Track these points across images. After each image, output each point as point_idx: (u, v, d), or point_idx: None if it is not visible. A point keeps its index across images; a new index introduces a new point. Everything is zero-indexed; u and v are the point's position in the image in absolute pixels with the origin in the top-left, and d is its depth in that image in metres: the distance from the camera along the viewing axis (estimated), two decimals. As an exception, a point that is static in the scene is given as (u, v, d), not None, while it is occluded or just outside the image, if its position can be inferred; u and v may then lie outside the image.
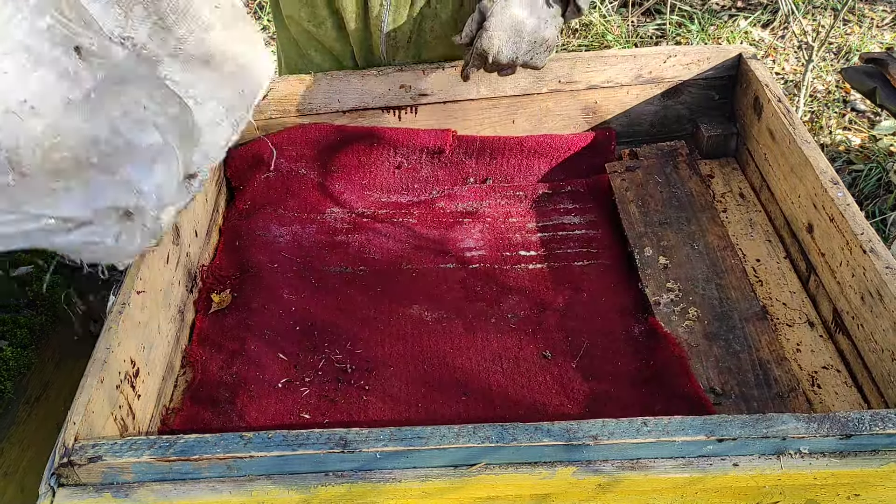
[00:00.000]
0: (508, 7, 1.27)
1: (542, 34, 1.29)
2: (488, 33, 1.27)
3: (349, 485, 0.87)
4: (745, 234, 1.38)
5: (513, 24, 1.27)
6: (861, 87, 2.11)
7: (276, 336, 1.23)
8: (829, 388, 1.12)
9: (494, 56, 1.29)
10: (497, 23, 1.27)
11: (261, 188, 1.50)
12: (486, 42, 1.28)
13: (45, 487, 0.87)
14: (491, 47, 1.28)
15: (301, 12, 1.50)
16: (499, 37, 1.27)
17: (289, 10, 1.53)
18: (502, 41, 1.28)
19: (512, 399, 1.13)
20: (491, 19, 1.27)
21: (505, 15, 1.27)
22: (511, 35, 1.28)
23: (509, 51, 1.29)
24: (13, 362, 1.32)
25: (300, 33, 1.56)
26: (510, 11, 1.27)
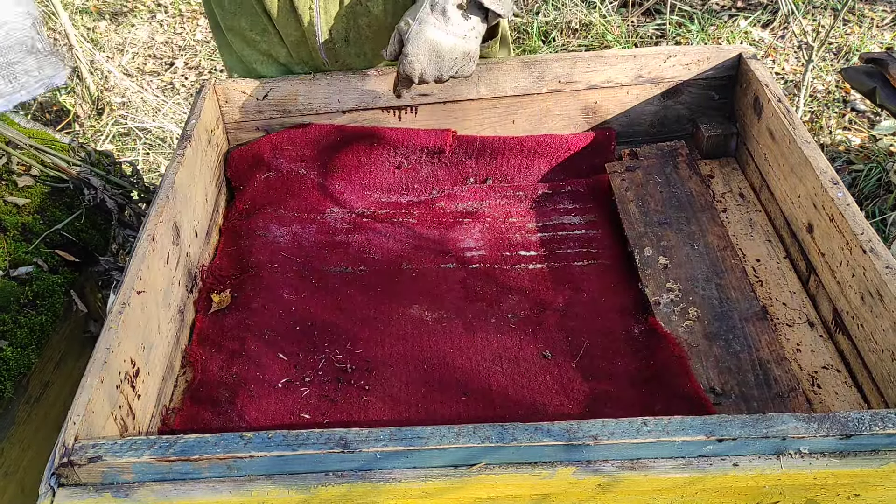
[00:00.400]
0: (423, 31, 1.27)
1: (461, 49, 1.29)
2: (408, 59, 1.29)
3: (349, 485, 0.87)
4: (745, 234, 1.38)
5: (430, 47, 1.28)
6: (861, 87, 2.11)
7: (276, 336, 1.23)
8: (829, 388, 1.12)
9: (420, 77, 1.31)
10: (414, 48, 1.28)
11: (261, 188, 1.50)
12: (407, 68, 1.30)
13: (46, 487, 0.87)
14: (413, 72, 1.30)
15: (242, 22, 1.50)
16: (419, 60, 1.29)
17: (230, 23, 1.52)
18: (423, 64, 1.29)
19: (512, 399, 1.12)
20: (408, 45, 1.28)
21: (420, 39, 1.27)
22: (430, 57, 1.29)
23: (432, 70, 1.30)
24: (13, 362, 1.32)
25: (243, 47, 1.55)
26: (425, 35, 1.27)
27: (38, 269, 1.46)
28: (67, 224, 1.59)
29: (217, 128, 1.50)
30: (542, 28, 3.74)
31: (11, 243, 1.48)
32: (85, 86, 3.38)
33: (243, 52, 1.56)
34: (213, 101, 1.49)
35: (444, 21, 1.27)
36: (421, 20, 1.27)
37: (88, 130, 3.37)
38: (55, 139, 1.80)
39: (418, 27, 1.27)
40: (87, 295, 1.58)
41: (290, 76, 1.51)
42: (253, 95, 1.51)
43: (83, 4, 4.30)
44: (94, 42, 3.95)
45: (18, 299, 1.39)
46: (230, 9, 1.49)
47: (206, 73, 3.80)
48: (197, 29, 4.18)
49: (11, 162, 1.64)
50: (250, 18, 1.49)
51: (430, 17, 1.27)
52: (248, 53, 1.55)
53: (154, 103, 3.48)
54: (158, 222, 1.17)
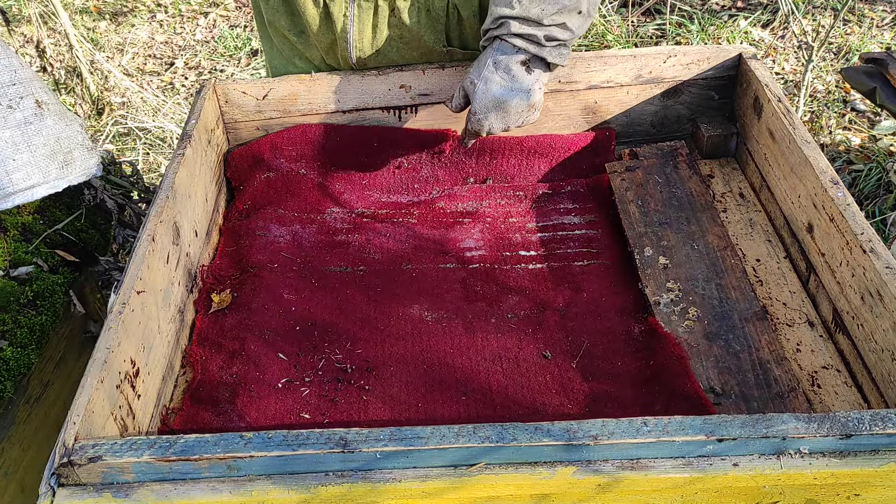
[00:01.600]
0: (489, 90, 1.30)
1: (525, 103, 1.32)
2: (476, 117, 1.33)
3: (349, 485, 0.87)
4: (745, 234, 1.38)
5: (497, 105, 1.31)
6: (861, 87, 2.11)
7: (276, 336, 1.23)
8: (829, 388, 1.12)
9: (488, 132, 1.36)
10: (481, 107, 1.32)
11: (261, 188, 1.50)
12: (475, 125, 1.35)
13: (46, 487, 0.87)
14: (481, 129, 1.35)
15: (282, 21, 1.51)
16: (486, 118, 1.33)
17: (271, 18, 1.53)
18: (491, 121, 1.33)
19: (512, 399, 1.12)
20: (474, 103, 1.32)
21: (487, 98, 1.31)
22: (497, 113, 1.32)
23: (499, 125, 1.35)
24: (13, 362, 1.32)
25: (283, 42, 1.56)
26: (491, 95, 1.30)
27: (38, 269, 1.46)
28: (67, 224, 1.58)
29: (217, 128, 1.50)
30: (542, 28, 3.73)
31: (11, 243, 1.47)
32: (85, 86, 3.38)
33: (283, 48, 1.57)
34: (213, 101, 1.49)
35: (510, 79, 1.29)
36: (486, 79, 1.30)
37: (88, 130, 3.37)
38: (55, 139, 1.80)
39: (484, 86, 1.31)
40: (87, 295, 1.58)
41: (291, 76, 1.51)
42: (253, 95, 1.51)
43: (83, 4, 4.30)
44: (94, 42, 3.95)
45: (18, 299, 1.39)
46: (273, 5, 1.50)
47: (206, 73, 3.80)
48: (197, 29, 4.18)
49: (11, 162, 1.64)
50: (290, 18, 1.50)
51: (495, 76, 1.30)
52: (286, 49, 1.57)
53: (154, 103, 3.48)
54: (158, 222, 1.17)
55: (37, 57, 3.42)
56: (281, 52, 1.58)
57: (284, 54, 1.58)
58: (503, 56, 1.29)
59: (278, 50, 1.59)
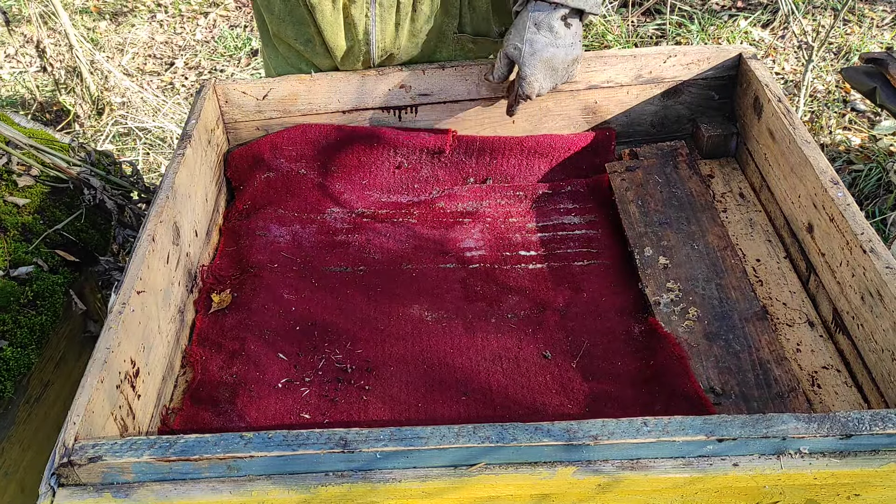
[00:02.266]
0: (536, 52, 1.33)
1: (571, 57, 1.36)
2: (527, 80, 1.36)
3: (349, 485, 0.87)
4: (745, 234, 1.38)
5: (546, 65, 1.35)
6: (861, 87, 2.11)
7: (276, 336, 1.23)
8: (829, 388, 1.12)
9: (538, 94, 1.39)
10: (531, 70, 1.35)
11: (261, 188, 1.50)
12: (527, 88, 1.38)
13: (46, 487, 0.87)
14: (533, 91, 1.38)
15: (288, 31, 1.50)
16: (537, 79, 1.36)
17: (276, 29, 1.52)
18: (541, 82, 1.37)
19: (512, 399, 1.12)
20: (524, 68, 1.35)
21: (536, 59, 1.34)
22: (546, 73, 1.36)
23: (548, 84, 1.38)
24: (13, 362, 1.32)
25: (288, 50, 1.56)
26: (540, 55, 1.34)
27: (38, 269, 1.46)
28: (67, 224, 1.59)
29: (217, 128, 1.50)
30: (542, 28, 3.73)
31: (11, 243, 1.47)
32: (85, 86, 3.38)
33: (288, 55, 1.57)
34: (213, 101, 1.49)
35: (553, 36, 1.32)
36: (531, 41, 1.33)
37: (88, 130, 3.37)
38: (55, 139, 1.80)
39: (530, 48, 1.33)
40: (87, 295, 1.58)
41: (291, 76, 1.51)
42: (253, 95, 1.51)
43: (83, 4, 4.30)
44: (94, 42, 3.95)
45: (18, 299, 1.39)
46: (279, 15, 1.50)
47: (206, 73, 3.80)
48: (197, 29, 4.18)
49: (11, 162, 1.64)
50: (297, 28, 1.49)
51: (539, 36, 1.32)
52: (292, 57, 1.57)
53: (154, 103, 3.48)
54: (158, 222, 1.17)
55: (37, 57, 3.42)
56: (287, 59, 1.58)
57: (290, 62, 1.57)
58: (542, 14, 1.31)
59: (284, 58, 1.58)
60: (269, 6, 1.50)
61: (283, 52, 1.57)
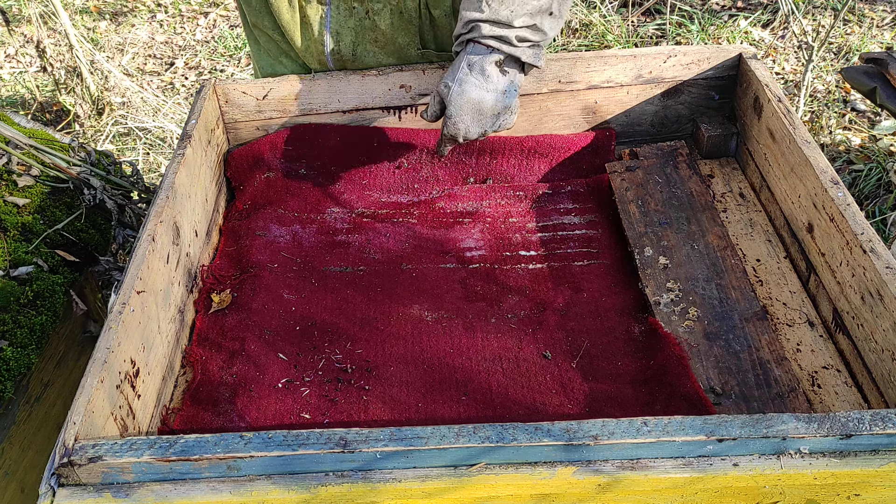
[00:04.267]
0: (464, 92, 1.29)
1: (502, 104, 1.31)
2: (451, 120, 1.31)
3: (349, 485, 0.87)
4: (745, 234, 1.38)
5: (472, 107, 1.30)
6: (861, 87, 2.11)
7: (276, 336, 1.23)
8: (829, 388, 1.12)
9: (464, 137, 1.33)
10: (456, 109, 1.30)
11: (261, 188, 1.50)
12: (451, 129, 1.32)
13: (46, 487, 0.87)
14: (458, 132, 1.32)
15: (265, 21, 1.51)
16: (462, 121, 1.31)
17: (254, 20, 1.53)
18: (466, 124, 1.31)
19: (512, 399, 1.12)
20: (450, 107, 1.30)
21: (462, 100, 1.29)
22: (473, 116, 1.30)
23: (476, 129, 1.32)
24: (13, 362, 1.32)
25: (268, 42, 1.56)
26: (467, 96, 1.29)
27: (38, 269, 1.46)
28: (67, 224, 1.58)
29: (217, 128, 1.50)
30: (542, 28, 3.73)
31: (11, 243, 1.47)
32: (85, 86, 3.38)
33: (269, 47, 1.57)
34: (213, 101, 1.49)
35: (484, 79, 1.28)
36: (461, 81, 1.29)
37: (88, 130, 3.37)
38: (55, 139, 1.80)
39: (459, 88, 1.29)
40: (87, 295, 1.58)
41: (291, 76, 1.51)
42: (253, 95, 1.51)
43: (83, 4, 4.30)
44: (94, 42, 3.95)
45: (18, 299, 1.39)
46: (256, 7, 1.51)
47: (206, 73, 3.80)
48: (197, 29, 4.18)
49: (11, 162, 1.64)
50: (273, 18, 1.50)
51: (470, 77, 1.28)
52: (272, 49, 1.57)
53: (154, 103, 3.48)
54: (158, 222, 1.17)
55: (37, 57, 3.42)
56: (268, 51, 1.58)
57: (271, 54, 1.58)
58: (477, 57, 1.28)
59: (265, 50, 1.59)
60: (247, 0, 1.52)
61: (263, 44, 1.58)
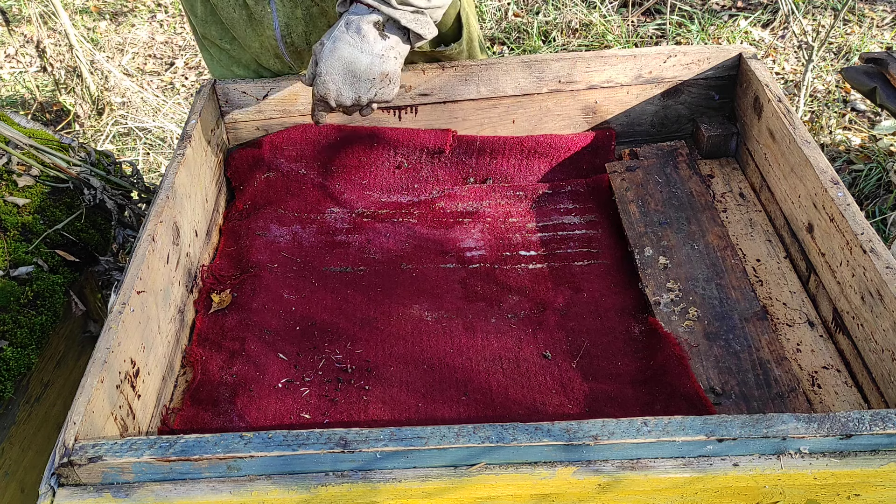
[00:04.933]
0: (336, 49, 1.22)
1: (378, 69, 1.23)
2: (321, 78, 1.23)
3: (349, 485, 0.87)
4: (745, 234, 1.38)
5: (344, 66, 1.23)
6: (861, 87, 2.11)
7: (276, 336, 1.23)
8: (829, 387, 1.12)
9: (335, 99, 1.25)
10: (327, 67, 1.22)
11: (261, 188, 1.50)
12: (321, 88, 1.24)
13: (46, 487, 0.87)
14: (328, 92, 1.24)
15: (212, 31, 1.51)
16: (333, 80, 1.23)
17: (202, 31, 1.53)
18: (338, 84, 1.24)
19: (512, 399, 1.12)
20: (320, 64, 1.23)
21: (334, 58, 1.22)
22: (345, 77, 1.23)
23: (349, 92, 1.25)
24: (13, 362, 1.31)
25: (220, 52, 1.56)
26: (338, 53, 1.22)
27: (38, 269, 1.46)
28: (67, 224, 1.58)
29: (217, 128, 1.50)
30: (542, 28, 3.74)
31: (11, 243, 1.47)
32: (85, 86, 3.37)
33: (220, 57, 1.57)
34: (213, 101, 1.49)
35: (360, 39, 1.21)
36: (335, 38, 1.22)
37: (88, 130, 3.37)
38: (55, 139, 1.80)
39: (332, 45, 1.22)
40: (87, 295, 1.58)
41: (291, 76, 1.51)
42: (253, 95, 1.51)
43: (83, 4, 4.30)
44: (94, 42, 3.95)
45: (18, 299, 1.39)
46: (202, 17, 1.50)
47: (206, 73, 3.80)
48: (197, 29, 4.17)
49: (11, 162, 1.64)
50: (220, 27, 1.50)
51: (345, 35, 1.22)
52: (224, 58, 1.57)
53: (154, 103, 3.48)
54: (158, 222, 1.17)
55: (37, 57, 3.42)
56: (219, 62, 1.58)
57: (223, 63, 1.57)
58: (356, 17, 1.22)
59: (217, 60, 1.58)
60: (192, 9, 1.51)
61: (214, 54, 1.57)
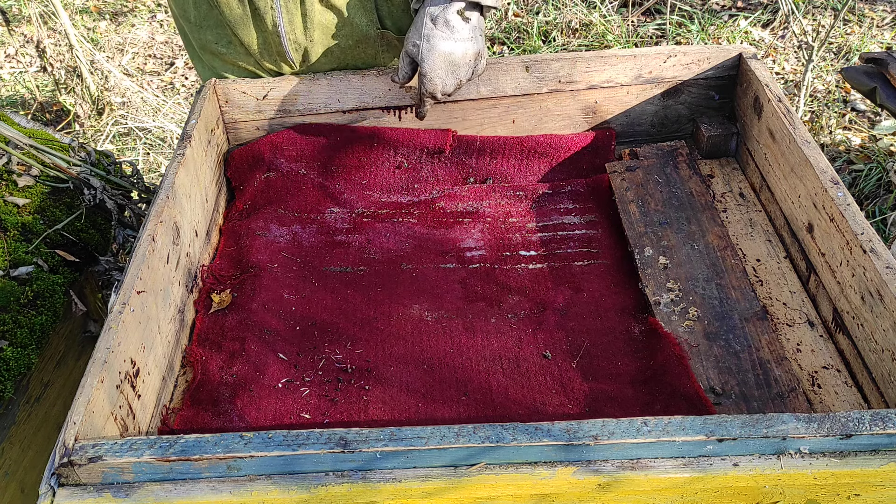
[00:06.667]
0: (434, 47, 1.32)
1: (472, 52, 1.34)
2: (428, 77, 1.34)
3: (349, 485, 0.87)
4: (745, 234, 1.38)
5: (445, 59, 1.33)
6: (861, 87, 2.11)
7: (276, 336, 1.23)
8: (829, 387, 1.12)
9: (442, 92, 1.37)
10: (431, 66, 1.33)
11: (261, 188, 1.50)
12: (429, 85, 1.36)
13: (46, 487, 0.87)
14: (436, 88, 1.36)
15: (207, 36, 1.51)
16: (438, 76, 1.34)
17: (196, 36, 1.53)
18: (442, 78, 1.35)
19: (512, 399, 1.12)
20: (424, 64, 1.34)
21: (434, 55, 1.32)
22: (448, 68, 1.34)
23: (452, 80, 1.36)
24: (13, 362, 1.32)
25: (212, 58, 1.56)
26: (438, 50, 1.32)
27: (38, 269, 1.46)
28: (67, 224, 1.58)
29: (217, 128, 1.50)
30: (542, 28, 3.74)
31: (11, 243, 1.47)
32: (85, 86, 3.37)
33: (213, 64, 1.57)
34: (213, 101, 1.49)
35: (450, 31, 1.31)
36: (428, 37, 1.31)
37: (88, 130, 3.37)
38: (55, 139, 1.80)
39: (428, 44, 1.32)
40: (87, 295, 1.58)
41: (290, 76, 1.51)
42: (253, 95, 1.51)
43: (83, 4, 4.30)
44: (94, 42, 3.95)
45: (18, 299, 1.39)
46: (196, 22, 1.50)
47: (206, 73, 3.80)
48: (197, 29, 4.17)
49: (11, 162, 1.64)
50: (215, 31, 1.50)
51: (436, 31, 1.31)
52: (217, 65, 1.57)
53: (154, 103, 3.48)
54: (158, 222, 1.17)
55: (37, 57, 3.42)
56: (211, 69, 1.58)
57: (215, 71, 1.57)
58: (438, 10, 1.31)
59: (209, 67, 1.58)
60: (185, 14, 1.51)
61: (207, 60, 1.57)
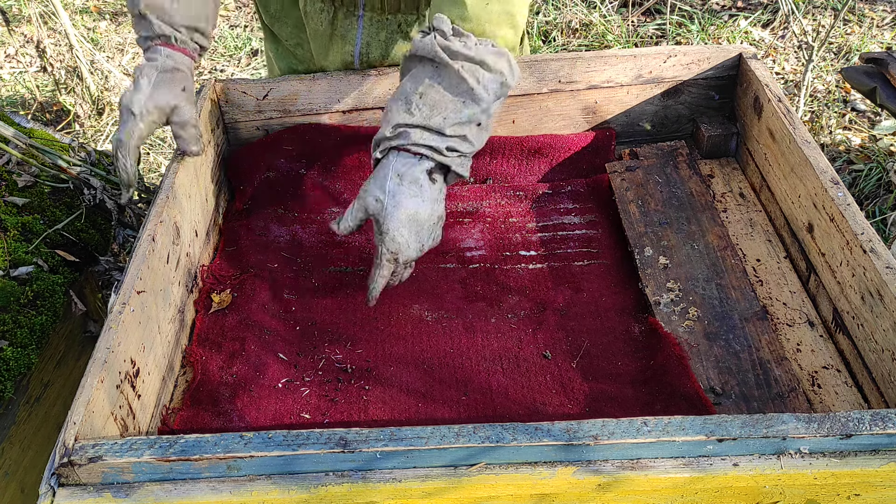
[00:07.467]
0: (399, 204, 1.18)
1: (437, 214, 1.21)
2: (390, 236, 1.18)
3: (349, 485, 0.87)
4: (745, 234, 1.38)
5: (410, 218, 1.19)
6: (861, 87, 2.11)
7: (276, 336, 1.23)
8: (829, 387, 1.12)
9: (405, 254, 1.20)
10: (395, 224, 1.18)
11: (261, 188, 1.50)
12: (391, 245, 1.19)
13: (46, 487, 0.87)
14: (399, 247, 1.19)
15: (283, 31, 1.52)
16: (401, 234, 1.19)
17: (273, 26, 1.55)
18: (405, 237, 1.19)
19: (512, 399, 1.13)
20: (388, 221, 1.19)
21: (399, 212, 1.18)
22: (412, 228, 1.19)
23: (414, 243, 1.21)
24: (13, 362, 1.31)
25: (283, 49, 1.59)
26: (403, 207, 1.18)
27: (38, 269, 1.46)
28: (67, 224, 1.58)
29: (217, 128, 1.50)
30: (542, 28, 3.74)
31: (11, 243, 1.47)
32: (85, 86, 3.37)
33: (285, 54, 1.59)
34: (213, 101, 1.49)
35: (418, 189, 1.18)
36: (394, 193, 1.18)
37: (88, 130, 3.37)
38: (55, 139, 1.80)
39: (394, 200, 1.17)
40: (87, 295, 1.58)
41: (291, 76, 1.51)
42: (253, 95, 1.51)
43: (83, 4, 4.30)
44: (94, 42, 3.95)
45: (18, 299, 1.39)
46: (274, 14, 1.52)
47: (206, 73, 3.80)
48: (197, 29, 4.17)
49: (11, 162, 1.64)
50: (290, 29, 1.51)
51: (403, 188, 1.18)
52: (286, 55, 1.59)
53: (154, 103, 3.47)
54: (158, 222, 1.17)
55: (37, 57, 3.42)
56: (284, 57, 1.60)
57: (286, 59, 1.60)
58: (405, 167, 1.18)
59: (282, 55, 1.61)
60: (265, 6, 1.53)
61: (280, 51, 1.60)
